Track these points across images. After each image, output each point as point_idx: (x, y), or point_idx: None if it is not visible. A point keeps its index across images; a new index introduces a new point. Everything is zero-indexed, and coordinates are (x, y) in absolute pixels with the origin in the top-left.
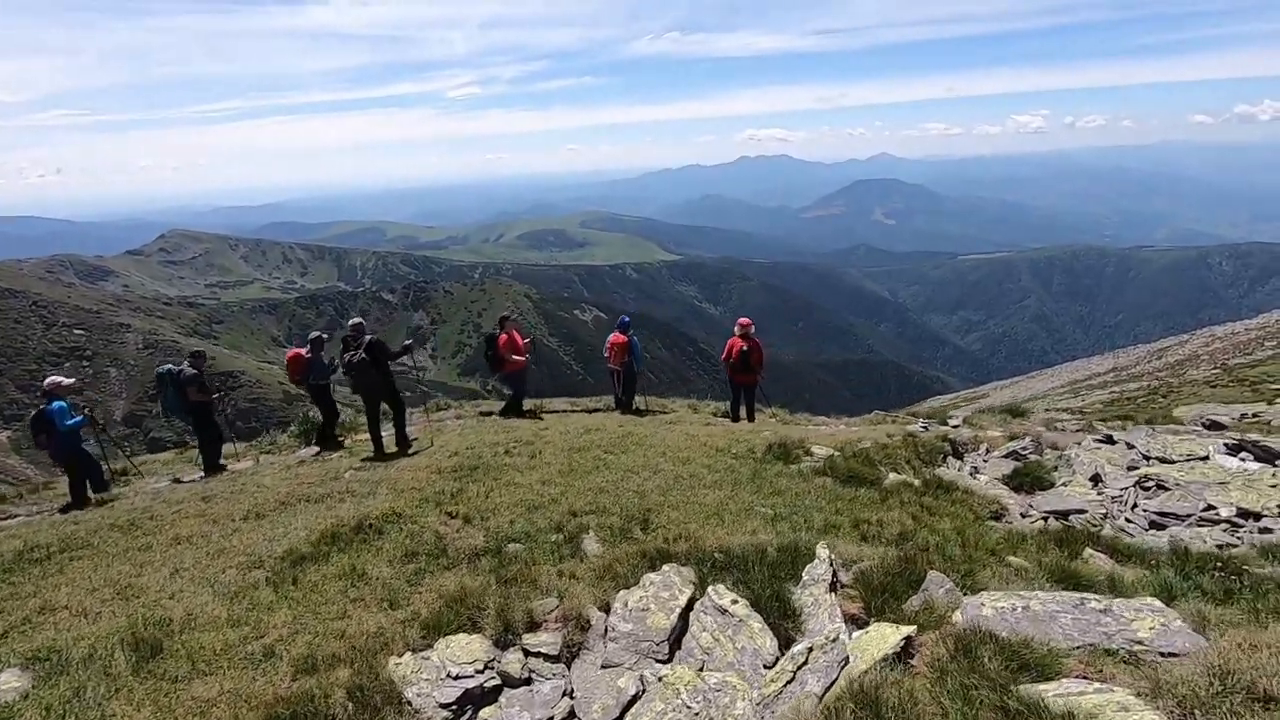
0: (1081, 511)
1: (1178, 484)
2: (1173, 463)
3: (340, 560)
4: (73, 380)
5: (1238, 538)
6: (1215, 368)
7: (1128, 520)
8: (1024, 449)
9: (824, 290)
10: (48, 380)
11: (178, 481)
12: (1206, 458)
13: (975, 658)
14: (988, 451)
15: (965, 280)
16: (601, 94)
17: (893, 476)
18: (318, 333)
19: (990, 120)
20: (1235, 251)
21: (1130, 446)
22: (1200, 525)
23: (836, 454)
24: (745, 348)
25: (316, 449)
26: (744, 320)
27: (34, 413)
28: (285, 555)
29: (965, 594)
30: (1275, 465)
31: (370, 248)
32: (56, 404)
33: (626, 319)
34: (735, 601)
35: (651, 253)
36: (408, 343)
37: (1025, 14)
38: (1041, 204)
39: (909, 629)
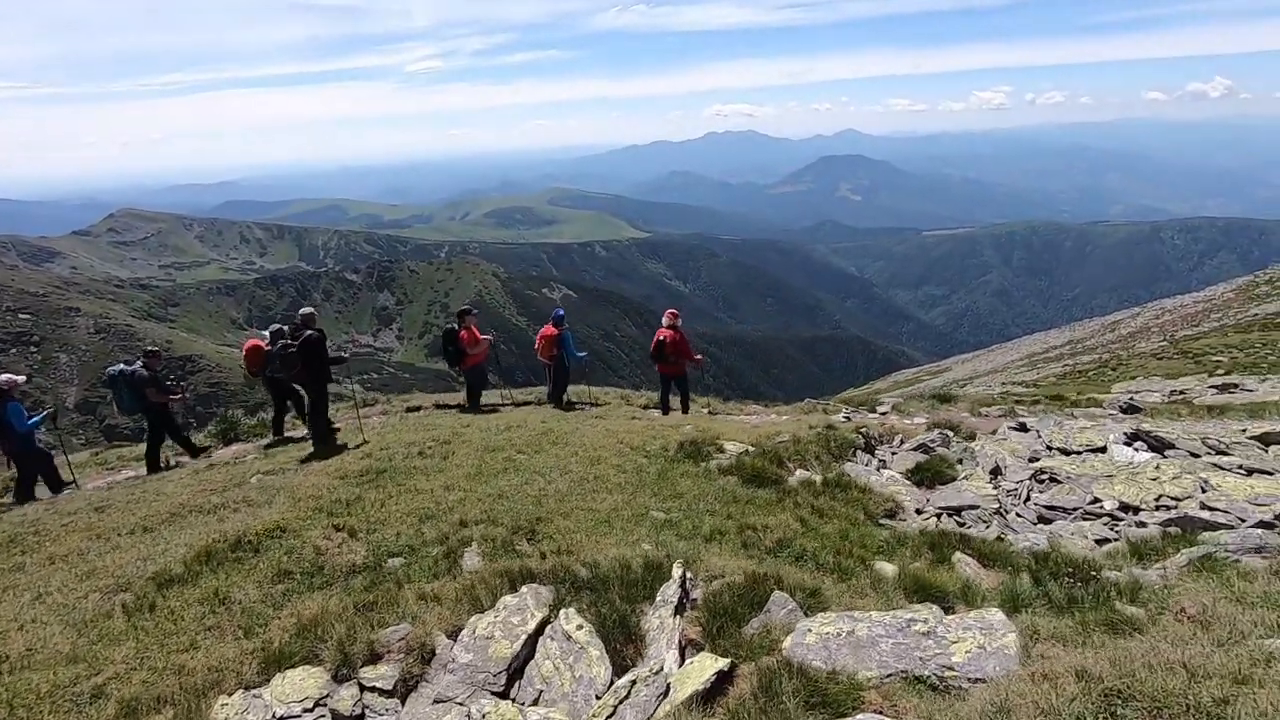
0: (974, 507)
1: (1069, 477)
2: (1072, 453)
3: (209, 582)
4: (23, 377)
5: (1115, 531)
6: (1163, 340)
7: (1018, 515)
8: (932, 441)
9: (792, 267)
10: (2, 378)
11: (76, 488)
12: (1104, 448)
13: (775, 695)
14: (901, 443)
15: (929, 256)
16: (568, 68)
17: (799, 474)
18: (279, 325)
19: (953, 97)
20: (1186, 226)
21: (1040, 435)
22: (1084, 519)
23: (749, 451)
24: (662, 338)
25: (272, 439)
26: (671, 311)
27: None
28: (154, 577)
29: (807, 614)
30: (1164, 455)
31: (332, 226)
32: (13, 405)
33: (561, 312)
34: (580, 627)
35: (620, 230)
36: (344, 355)
37: None
38: (1003, 180)
39: (724, 662)
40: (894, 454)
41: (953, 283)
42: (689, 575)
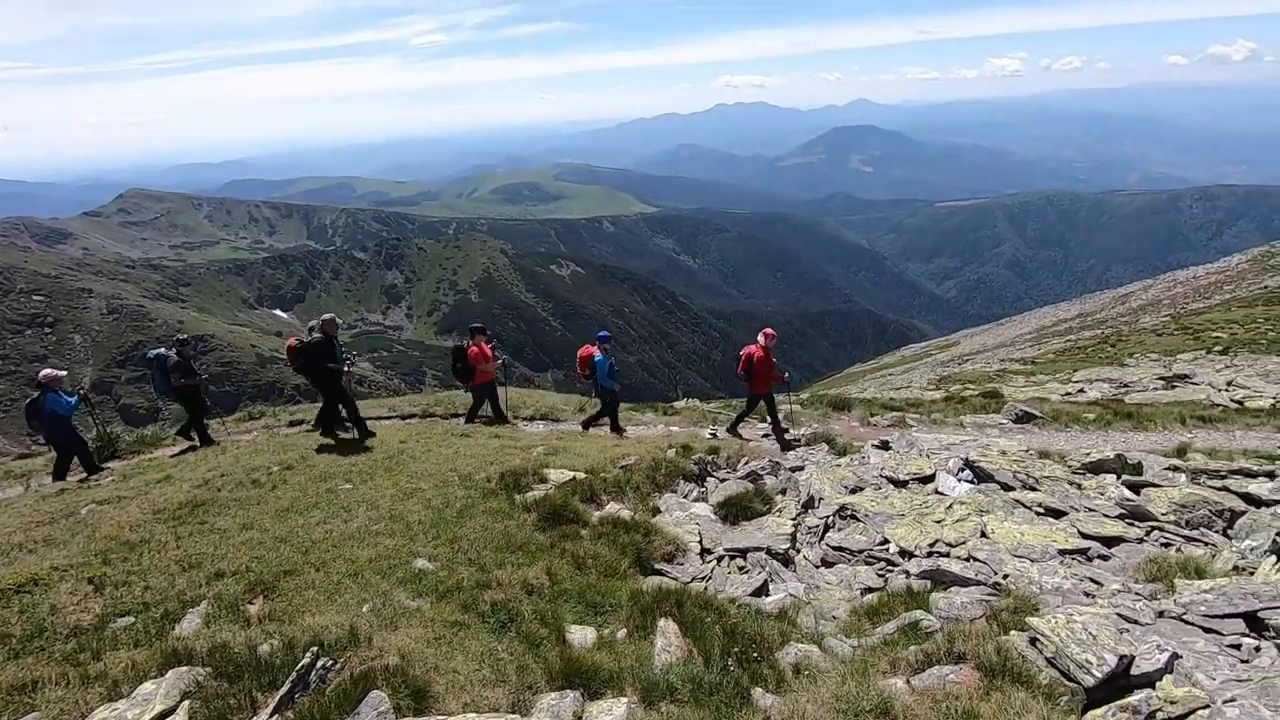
0: (759, 549)
1: (866, 515)
2: (899, 483)
3: None
4: (64, 372)
5: (883, 579)
6: (1165, 315)
7: (805, 558)
8: (761, 469)
9: (802, 240)
10: (43, 374)
11: None
12: (932, 476)
13: None
14: (748, 464)
15: (941, 228)
16: (572, 40)
17: (609, 508)
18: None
19: (967, 64)
20: (1204, 194)
21: (884, 458)
22: (867, 563)
23: (575, 479)
24: (747, 354)
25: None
26: (768, 331)
27: (29, 401)
28: None
29: (399, 717)
30: (978, 486)
31: (339, 205)
32: (50, 395)
33: (604, 334)
34: None
35: (628, 204)
36: (343, 367)
37: None
38: (1018, 149)
39: None
40: (723, 481)
41: (965, 255)
42: (328, 663)
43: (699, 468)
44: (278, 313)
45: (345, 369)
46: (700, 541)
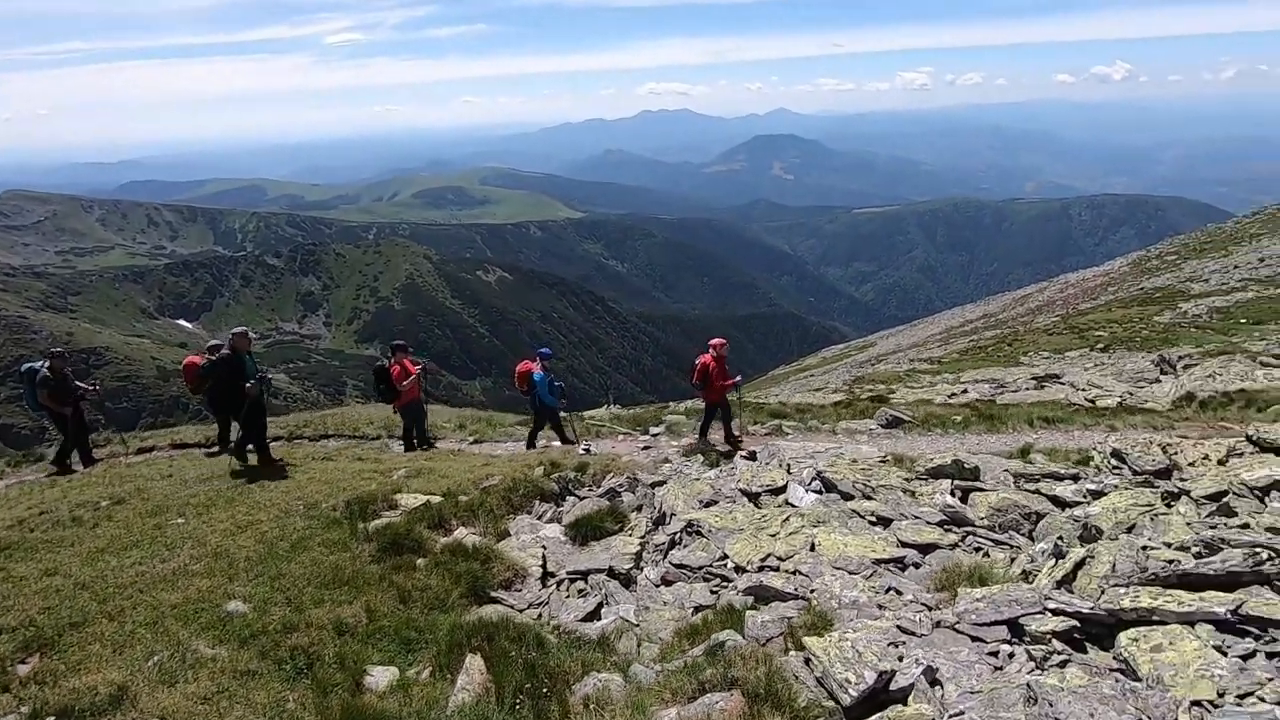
0: (600, 570)
1: (710, 530)
2: (752, 495)
3: None
4: None
5: (716, 595)
6: (1057, 316)
7: (647, 577)
8: (620, 486)
9: (727, 245)
10: None
11: None
12: (785, 487)
13: None
14: (610, 479)
15: (858, 233)
16: (497, 43)
17: (459, 533)
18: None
19: (879, 77)
20: (1092, 203)
21: (743, 469)
22: (705, 579)
23: (429, 503)
24: (700, 364)
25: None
26: (720, 340)
27: None
28: None
29: None
30: (823, 497)
31: (249, 208)
32: None
33: (545, 350)
34: None
35: (555, 210)
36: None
37: None
38: (927, 159)
39: None
40: (581, 500)
41: (881, 259)
42: None
43: (560, 486)
44: (182, 323)
45: (256, 387)
46: (544, 565)
